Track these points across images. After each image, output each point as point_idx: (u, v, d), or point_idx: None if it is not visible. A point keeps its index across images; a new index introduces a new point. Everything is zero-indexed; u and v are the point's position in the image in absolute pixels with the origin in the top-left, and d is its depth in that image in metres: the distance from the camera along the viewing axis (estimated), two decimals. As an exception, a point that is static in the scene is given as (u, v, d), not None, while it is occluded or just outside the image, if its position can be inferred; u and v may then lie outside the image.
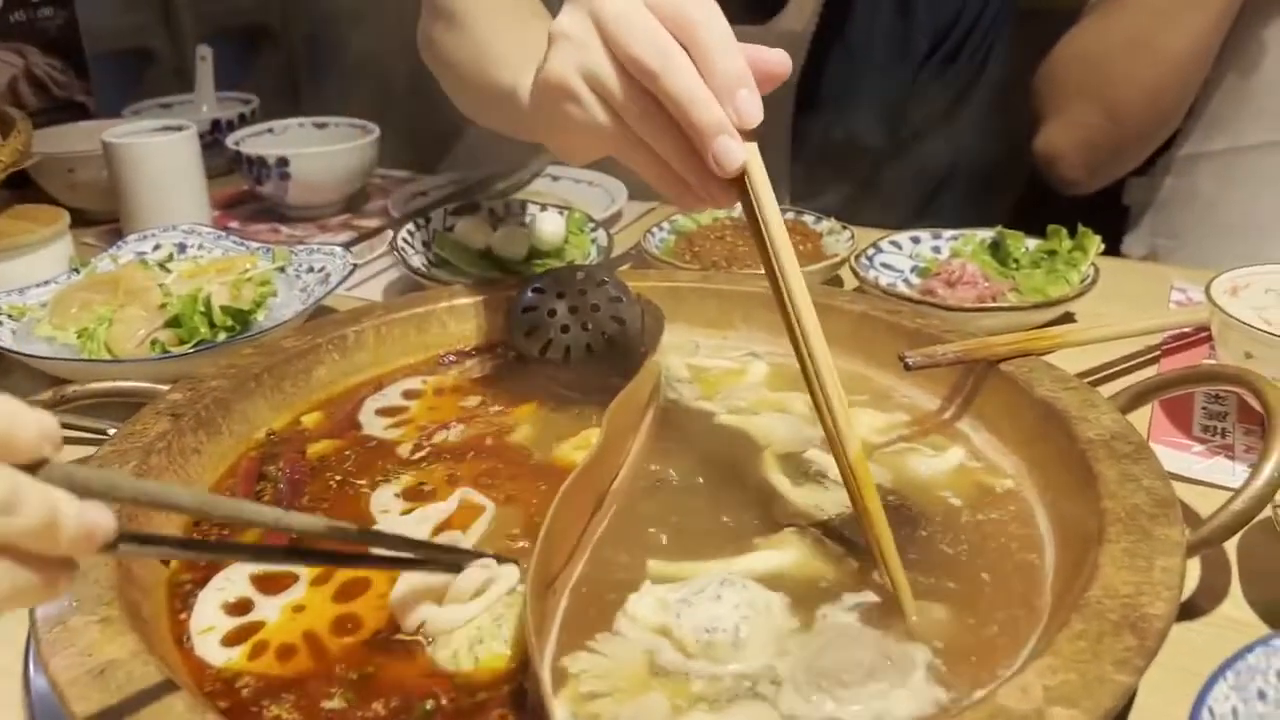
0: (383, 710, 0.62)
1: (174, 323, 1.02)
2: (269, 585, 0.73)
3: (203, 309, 1.03)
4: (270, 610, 0.70)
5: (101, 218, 1.55)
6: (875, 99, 1.57)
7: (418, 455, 0.89)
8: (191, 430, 0.85)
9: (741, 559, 0.73)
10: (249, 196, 1.67)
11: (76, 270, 1.18)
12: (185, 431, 0.85)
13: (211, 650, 0.67)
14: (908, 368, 0.86)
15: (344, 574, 0.73)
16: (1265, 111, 1.49)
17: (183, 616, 0.70)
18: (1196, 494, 0.85)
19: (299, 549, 0.72)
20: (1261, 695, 0.54)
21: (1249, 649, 0.54)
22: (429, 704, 0.62)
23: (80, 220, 1.51)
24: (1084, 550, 0.68)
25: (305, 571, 0.74)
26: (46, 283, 1.15)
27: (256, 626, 0.69)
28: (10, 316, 1.09)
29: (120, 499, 0.52)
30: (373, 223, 1.56)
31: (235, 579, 0.73)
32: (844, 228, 1.27)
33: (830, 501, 0.80)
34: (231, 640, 0.68)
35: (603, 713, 0.61)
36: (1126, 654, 0.57)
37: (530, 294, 1.07)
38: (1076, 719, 0.53)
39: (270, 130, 1.66)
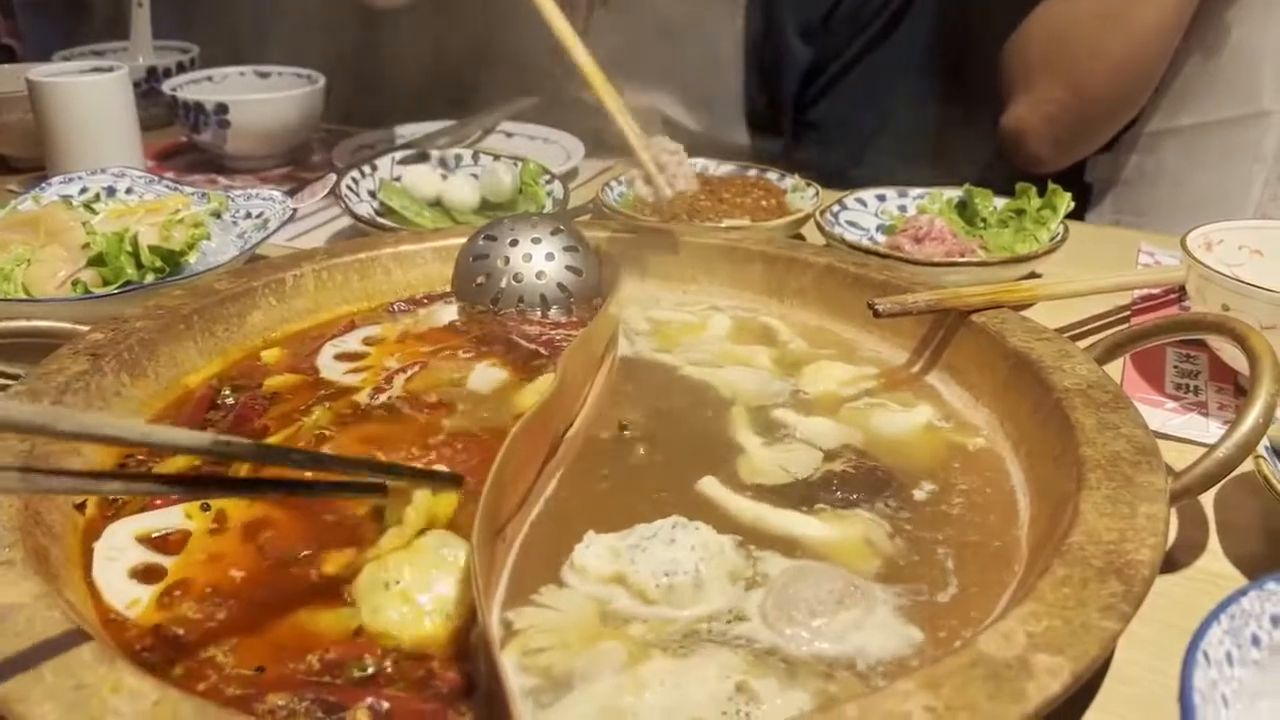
0: (316, 664, 0.57)
1: (98, 262, 0.95)
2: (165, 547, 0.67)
3: (129, 249, 0.96)
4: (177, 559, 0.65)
5: (27, 164, 1.47)
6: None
7: (374, 403, 0.84)
8: (113, 371, 0.79)
9: (793, 520, 0.68)
10: (186, 148, 1.59)
11: (-5, 212, 1.11)
12: (106, 373, 0.79)
13: (121, 596, 0.62)
14: (877, 314, 0.82)
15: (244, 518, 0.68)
16: (1231, 87, 1.48)
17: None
18: (1171, 450, 0.82)
19: (218, 477, 0.66)
20: (1256, 641, 0.50)
21: (1242, 593, 0.51)
22: (358, 668, 0.57)
23: (5, 167, 1.44)
24: (1062, 499, 0.65)
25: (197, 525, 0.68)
26: (-38, 223, 1.08)
27: (164, 572, 0.64)
28: (-80, 258, 1.02)
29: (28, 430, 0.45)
30: (316, 175, 1.49)
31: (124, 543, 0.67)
32: (808, 184, 1.23)
33: (796, 462, 0.75)
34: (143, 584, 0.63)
35: (554, 664, 0.56)
36: (1112, 600, 0.54)
37: (482, 241, 1.02)
38: (1061, 666, 0.49)
39: (210, 78, 1.59)
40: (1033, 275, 1.10)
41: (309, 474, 0.65)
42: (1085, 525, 0.59)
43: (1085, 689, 0.58)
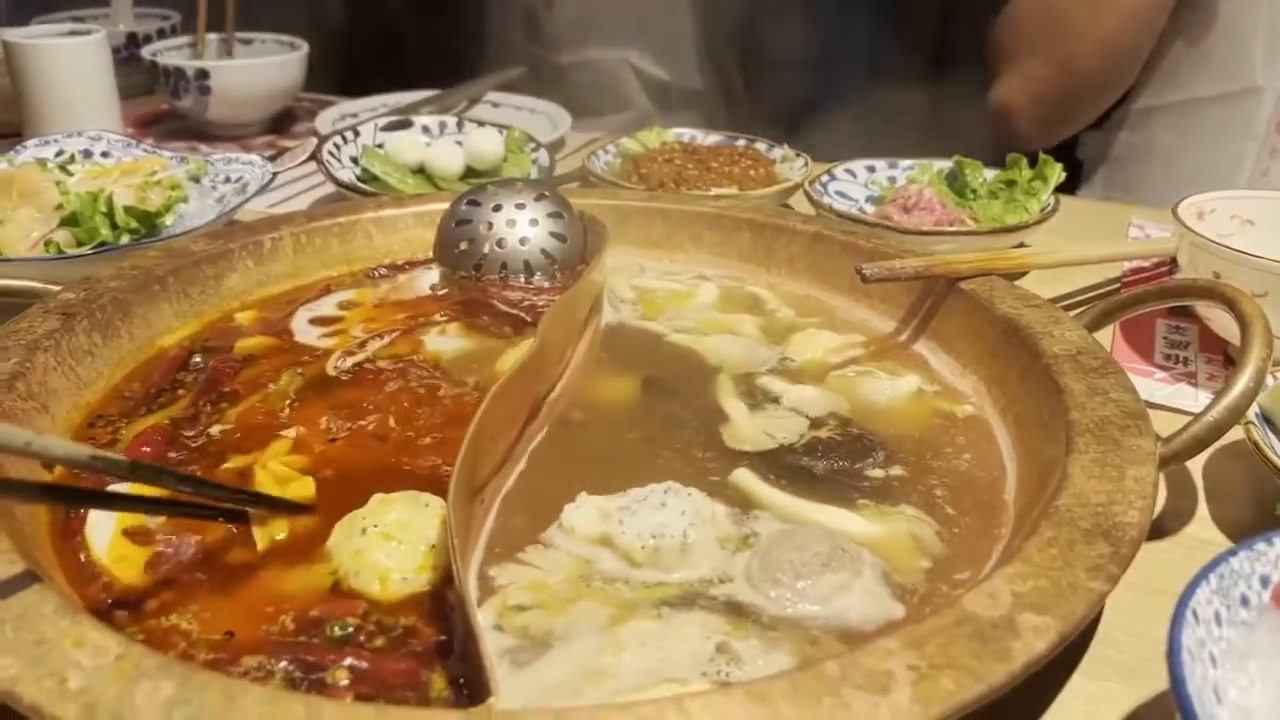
0: (290, 625, 0.56)
1: (72, 222, 0.93)
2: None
3: (104, 209, 0.94)
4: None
5: (3, 129, 1.44)
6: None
7: (346, 366, 0.82)
8: (85, 331, 0.78)
9: (832, 515, 0.65)
10: (166, 115, 1.56)
11: (-33, 173, 1.08)
12: (77, 332, 0.77)
13: (110, 553, 0.61)
14: (865, 279, 0.81)
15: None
16: (1221, 63, 1.47)
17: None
18: (1160, 419, 0.81)
19: (90, 491, 0.64)
20: (1244, 601, 0.50)
21: (1232, 553, 0.50)
22: (338, 626, 0.55)
23: (-19, 132, 1.41)
24: (1050, 463, 0.64)
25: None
26: (-67, 184, 1.05)
27: (151, 534, 0.62)
28: (-109, 218, 0.99)
29: None
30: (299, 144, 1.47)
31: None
32: (797, 155, 1.22)
33: (782, 429, 0.74)
34: (120, 546, 0.61)
35: (533, 624, 0.55)
36: (1100, 560, 0.53)
37: (465, 206, 1.00)
38: (1048, 625, 0.49)
39: (191, 44, 1.56)
40: (1022, 246, 1.09)
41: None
42: (1073, 488, 0.58)
43: (1071, 652, 0.58)
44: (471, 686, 0.50)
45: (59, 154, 1.14)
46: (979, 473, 0.70)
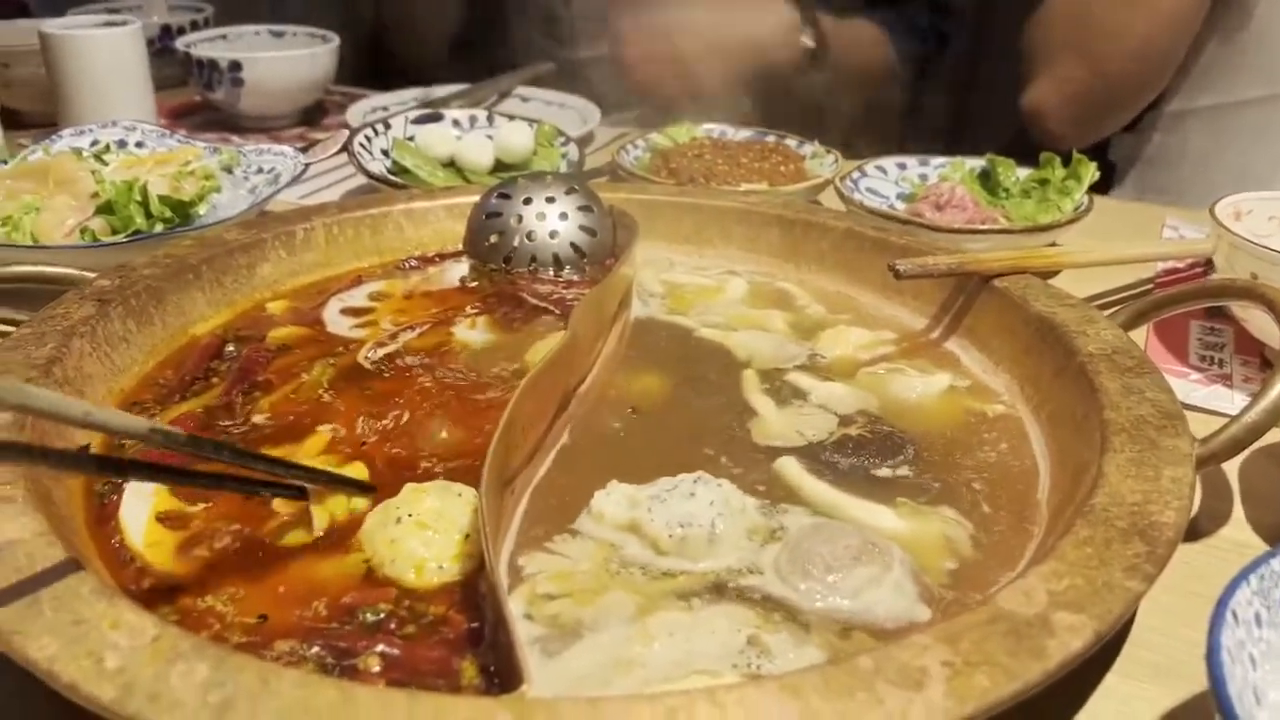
0: (323, 611, 0.56)
1: (107, 210, 0.94)
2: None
3: (139, 198, 0.95)
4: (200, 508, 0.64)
5: (38, 120, 1.45)
6: None
7: (377, 357, 0.82)
8: (120, 318, 0.78)
9: (868, 510, 0.65)
10: (199, 107, 1.58)
11: (4, 162, 1.10)
12: (112, 318, 0.77)
13: (143, 538, 0.61)
14: (898, 275, 0.81)
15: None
16: (1256, 66, 1.45)
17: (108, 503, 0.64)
18: (1195, 420, 0.80)
19: (146, 463, 0.63)
20: (1286, 603, 0.49)
21: (1272, 554, 0.49)
22: (371, 612, 0.56)
23: (16, 123, 1.43)
24: (1084, 463, 0.63)
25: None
26: (-29, 173, 1.06)
27: (185, 519, 0.63)
28: (-70, 205, 1.01)
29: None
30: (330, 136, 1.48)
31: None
32: (828, 151, 1.22)
33: (811, 426, 0.74)
34: (154, 531, 0.61)
35: (562, 613, 0.55)
36: (1136, 560, 0.52)
37: (495, 199, 1.00)
38: (1084, 624, 0.48)
39: (224, 37, 1.57)
40: (1054, 246, 1.08)
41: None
42: (1109, 487, 0.58)
43: (1106, 651, 0.57)
44: (503, 675, 0.50)
45: (94, 144, 1.15)
46: (1011, 472, 0.69)
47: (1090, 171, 1.10)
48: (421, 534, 0.59)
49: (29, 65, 1.42)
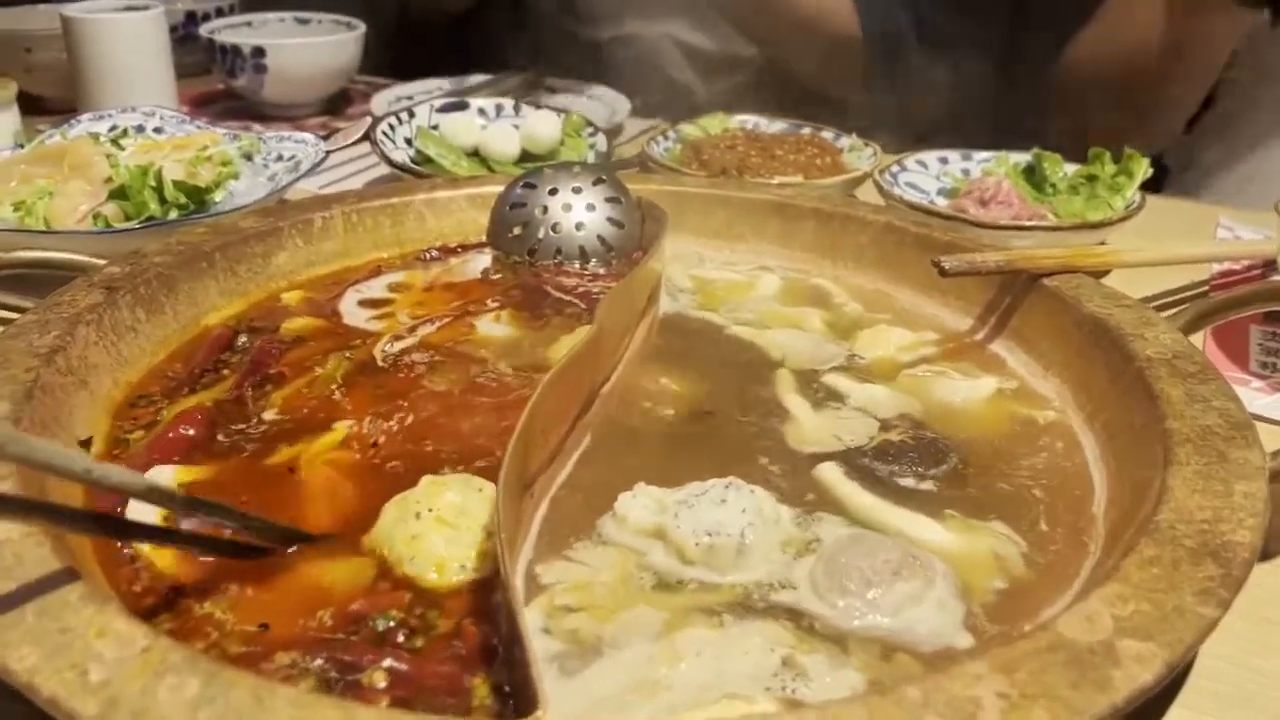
0: (329, 620, 0.52)
1: (120, 196, 0.91)
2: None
3: (153, 183, 0.92)
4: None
5: (60, 105, 1.43)
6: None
7: (395, 351, 0.79)
8: (128, 306, 0.75)
9: (913, 521, 0.60)
10: (222, 95, 1.55)
11: (21, 146, 1.07)
12: (120, 307, 0.74)
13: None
14: (944, 273, 0.76)
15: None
16: None
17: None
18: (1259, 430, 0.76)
19: (134, 524, 0.59)
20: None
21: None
22: (383, 619, 0.52)
23: (37, 108, 1.41)
24: (1146, 475, 0.59)
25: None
26: (-13, 157, 1.04)
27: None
28: (-57, 189, 0.98)
29: None
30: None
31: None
32: (866, 144, 1.17)
33: (850, 430, 0.70)
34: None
35: (582, 628, 0.52)
36: (1209, 584, 0.48)
37: (520, 189, 0.96)
38: (1153, 654, 0.44)
39: (249, 24, 1.55)
40: (1103, 245, 1.03)
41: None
42: (1174, 503, 0.53)
43: (1168, 683, 0.53)
44: (517, 696, 0.46)
45: (113, 129, 1.13)
46: (1064, 484, 0.65)
47: (1143, 167, 1.05)
48: (443, 531, 0.56)
49: (51, 50, 1.40)
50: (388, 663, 0.49)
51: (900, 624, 0.53)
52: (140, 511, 0.59)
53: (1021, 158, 1.14)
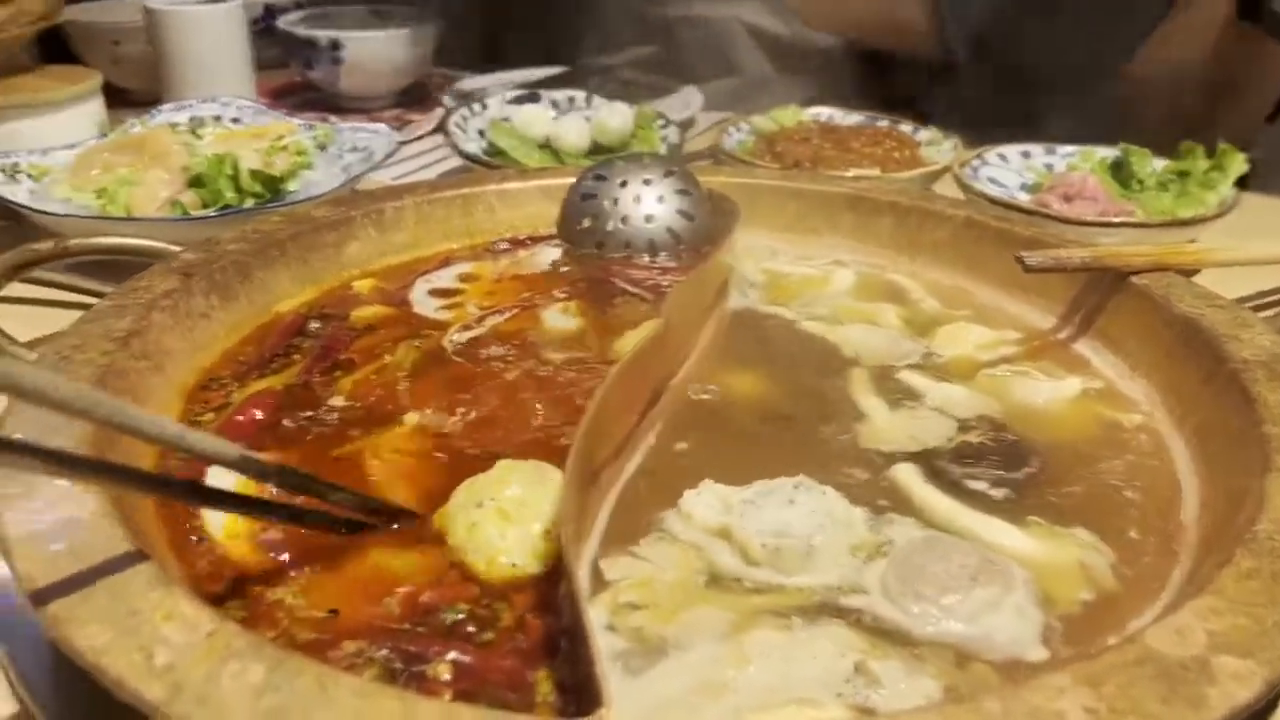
0: (396, 609, 0.52)
1: (197, 184, 0.92)
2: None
3: (229, 172, 0.93)
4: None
5: (146, 98, 1.46)
6: None
7: (463, 341, 0.79)
8: (203, 293, 0.76)
9: (991, 527, 0.58)
10: (299, 87, 1.57)
11: (105, 136, 1.09)
12: (195, 293, 0.75)
13: (219, 522, 0.58)
14: (1027, 268, 0.74)
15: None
16: None
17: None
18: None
19: (228, 493, 0.58)
20: None
21: None
22: (452, 612, 0.52)
23: (124, 100, 1.44)
24: (1241, 481, 0.56)
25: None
26: (73, 145, 1.06)
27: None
28: (30, 176, 1.01)
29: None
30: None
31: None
32: (945, 136, 1.14)
33: (926, 431, 0.67)
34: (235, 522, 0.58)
35: (646, 626, 0.50)
36: (1314, 599, 0.45)
37: (590, 181, 0.96)
38: (1252, 672, 0.42)
39: (325, 15, 1.56)
40: (1193, 243, 0.99)
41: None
42: (1274, 513, 0.51)
43: (1264, 705, 0.50)
44: (581, 693, 0.45)
45: (192, 119, 1.14)
46: (1152, 489, 0.62)
47: (1237, 162, 1.01)
48: (501, 524, 0.55)
49: (138, 42, 1.43)
50: (452, 655, 0.49)
51: (977, 631, 0.51)
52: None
53: (1108, 152, 1.10)
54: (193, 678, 0.41)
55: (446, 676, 0.47)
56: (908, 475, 0.62)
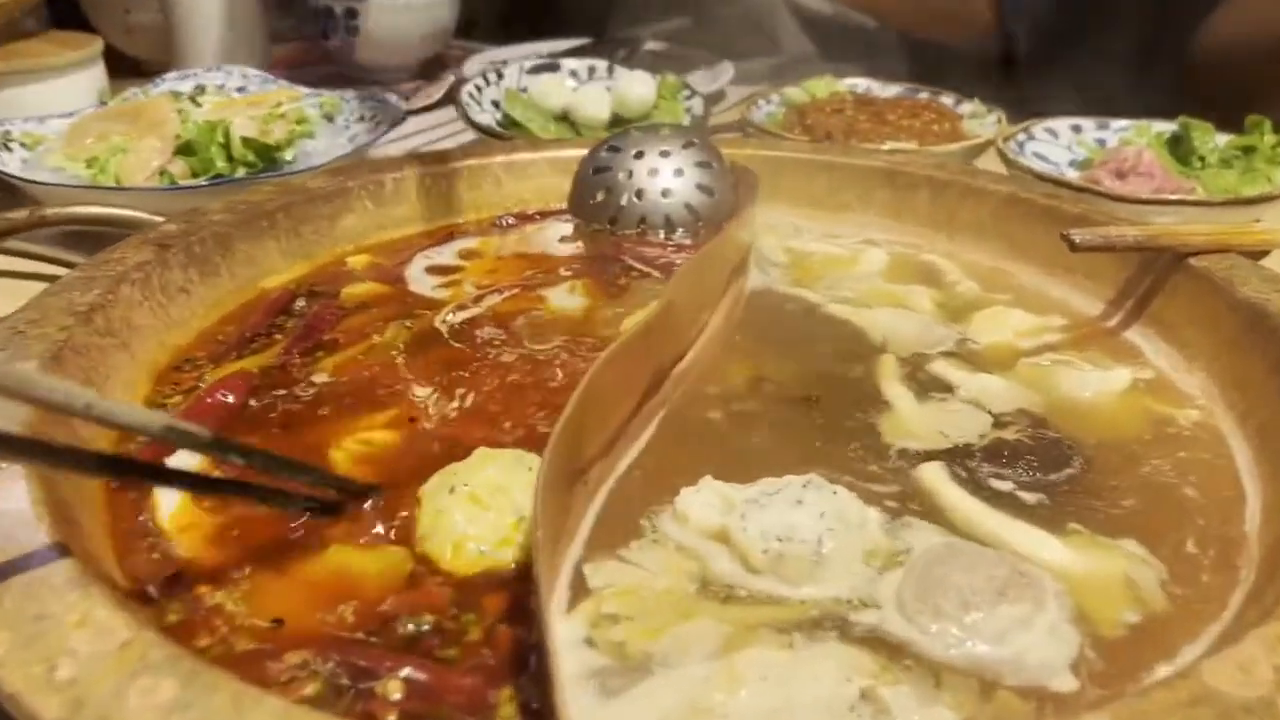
0: (350, 617, 0.47)
1: (187, 152, 0.88)
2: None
3: (221, 140, 0.88)
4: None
5: (158, 68, 1.41)
6: None
7: (457, 321, 0.73)
8: (180, 266, 0.71)
9: (1028, 535, 0.52)
10: (315, 59, 1.53)
11: (104, 104, 1.05)
12: (171, 266, 0.70)
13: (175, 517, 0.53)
14: (1073, 247, 0.67)
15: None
16: None
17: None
18: None
19: (165, 469, 0.55)
20: None
21: None
22: (414, 623, 0.46)
23: (136, 70, 1.40)
24: (1315, 489, 0.49)
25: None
26: (70, 114, 1.02)
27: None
28: (23, 144, 0.97)
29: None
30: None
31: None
32: (989, 110, 1.07)
33: (957, 426, 0.61)
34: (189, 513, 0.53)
35: (630, 640, 0.45)
36: (1403, 632, 0.38)
37: (604, 152, 0.90)
38: (1331, 720, 0.35)
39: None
40: (1258, 223, 0.91)
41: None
42: (1354, 525, 0.44)
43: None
44: (545, 718, 0.40)
45: (196, 88, 1.10)
46: (1209, 495, 0.55)
47: (1310, 137, 0.92)
48: (470, 509, 0.50)
49: (150, 11, 1.39)
50: (406, 672, 0.43)
51: (1005, 653, 0.44)
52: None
53: (1166, 126, 1.02)
54: (96, 693, 0.36)
55: (396, 696, 0.42)
56: (933, 475, 0.56)
